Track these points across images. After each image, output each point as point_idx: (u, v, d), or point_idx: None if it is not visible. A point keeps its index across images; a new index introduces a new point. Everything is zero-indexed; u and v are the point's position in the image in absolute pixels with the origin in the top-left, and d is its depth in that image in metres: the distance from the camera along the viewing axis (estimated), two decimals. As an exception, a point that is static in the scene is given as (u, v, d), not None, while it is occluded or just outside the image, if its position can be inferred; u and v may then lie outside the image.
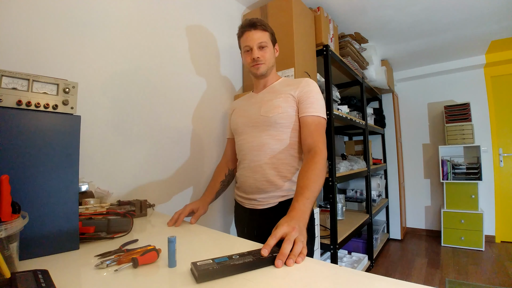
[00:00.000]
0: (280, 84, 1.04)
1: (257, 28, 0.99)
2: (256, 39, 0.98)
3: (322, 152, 0.84)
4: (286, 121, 0.94)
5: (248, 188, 0.99)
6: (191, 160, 1.42)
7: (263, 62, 1.00)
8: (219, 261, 0.48)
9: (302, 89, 0.95)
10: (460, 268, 2.36)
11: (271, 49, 1.02)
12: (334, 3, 1.90)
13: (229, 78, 1.72)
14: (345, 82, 2.57)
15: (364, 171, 2.33)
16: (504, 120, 3.01)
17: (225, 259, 0.49)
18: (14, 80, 0.55)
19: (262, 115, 0.97)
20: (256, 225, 0.99)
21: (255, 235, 0.97)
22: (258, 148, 0.97)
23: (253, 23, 0.99)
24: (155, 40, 1.28)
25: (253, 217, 0.99)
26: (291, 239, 0.57)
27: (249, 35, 0.99)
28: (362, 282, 0.44)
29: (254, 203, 0.98)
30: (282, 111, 0.94)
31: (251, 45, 0.99)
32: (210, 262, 0.48)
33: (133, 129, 1.17)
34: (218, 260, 0.49)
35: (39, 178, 0.55)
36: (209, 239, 0.73)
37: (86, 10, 1.03)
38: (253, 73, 1.04)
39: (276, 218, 0.92)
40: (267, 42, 1.00)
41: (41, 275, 0.41)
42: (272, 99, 0.98)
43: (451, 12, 2.04)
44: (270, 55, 1.02)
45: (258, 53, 0.99)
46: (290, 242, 0.56)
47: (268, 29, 1.01)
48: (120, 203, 0.96)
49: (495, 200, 3.00)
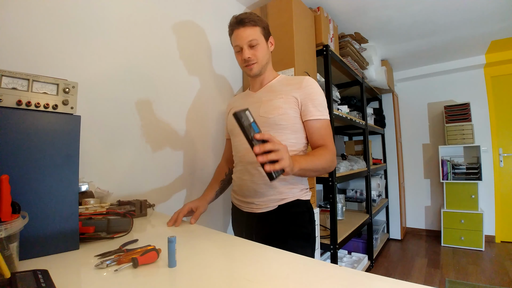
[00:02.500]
0: (280, 83, 0.99)
1: (246, 25, 0.92)
2: (245, 37, 0.92)
3: (333, 148, 0.91)
4: (287, 122, 0.91)
5: (246, 192, 0.95)
6: (192, 160, 1.42)
7: (255, 61, 0.94)
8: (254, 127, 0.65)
9: (305, 91, 0.92)
10: (460, 268, 2.37)
11: (263, 45, 0.95)
12: (334, 3, 1.90)
13: (230, 78, 1.72)
14: (345, 82, 2.57)
15: (364, 171, 2.33)
16: (504, 120, 3.02)
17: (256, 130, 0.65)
18: (14, 80, 0.55)
19: (261, 115, 0.93)
20: (255, 230, 0.95)
21: (254, 240, 0.94)
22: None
23: (241, 20, 0.92)
24: (155, 40, 1.28)
25: (251, 221, 0.96)
26: (276, 145, 0.64)
27: (238, 34, 0.93)
28: (362, 282, 0.44)
29: (252, 207, 0.94)
30: (283, 112, 0.91)
31: (241, 45, 0.93)
32: (250, 121, 0.65)
33: (133, 129, 1.17)
34: (254, 127, 0.65)
35: (39, 178, 0.55)
36: (209, 239, 0.73)
37: (86, 10, 1.03)
38: (246, 73, 1.00)
39: (276, 222, 0.91)
40: (258, 38, 0.93)
41: (41, 275, 0.41)
42: (272, 99, 0.94)
43: (451, 12, 2.04)
44: (263, 52, 0.95)
45: (248, 53, 0.93)
46: (273, 143, 0.64)
47: (258, 23, 0.94)
48: (120, 203, 0.96)
49: (495, 200, 3.00)
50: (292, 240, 0.91)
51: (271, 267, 0.51)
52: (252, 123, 0.65)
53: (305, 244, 0.94)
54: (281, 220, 0.83)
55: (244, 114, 0.64)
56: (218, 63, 1.64)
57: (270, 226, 0.92)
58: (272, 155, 0.63)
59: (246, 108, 0.67)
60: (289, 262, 0.54)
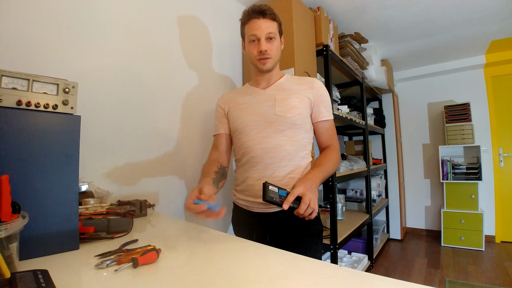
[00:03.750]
0: (290, 82, 0.98)
1: (267, 17, 0.89)
2: (265, 28, 0.88)
3: (338, 147, 0.97)
4: (302, 122, 0.92)
5: (259, 192, 0.89)
6: (192, 160, 1.42)
7: (270, 56, 0.91)
8: (281, 193, 0.74)
9: (317, 92, 0.94)
10: (460, 268, 2.36)
11: (278, 41, 0.93)
12: (334, 3, 1.90)
13: (230, 76, 1.72)
14: (345, 82, 2.57)
15: (364, 171, 2.33)
16: (504, 120, 3.01)
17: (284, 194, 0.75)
18: (14, 80, 0.55)
19: (278, 114, 0.91)
20: (268, 230, 0.93)
21: (268, 240, 0.92)
22: (274, 150, 0.90)
23: (263, 10, 0.88)
24: (155, 40, 1.28)
25: (264, 221, 0.93)
26: (307, 201, 0.73)
27: (257, 23, 0.88)
28: (362, 282, 0.44)
29: (263, 207, 0.92)
30: (300, 112, 0.91)
31: (259, 35, 0.89)
32: (276, 191, 0.74)
33: (133, 129, 1.17)
34: (282, 193, 0.74)
35: (39, 178, 0.55)
36: (209, 239, 0.72)
37: (86, 10, 1.03)
38: (258, 67, 0.94)
39: (290, 221, 0.90)
40: (276, 33, 0.91)
41: (41, 275, 0.41)
42: (286, 97, 0.93)
43: (451, 12, 2.04)
44: (277, 48, 0.94)
45: (266, 45, 0.89)
46: (305, 203, 0.73)
47: (277, 18, 0.92)
48: (120, 203, 0.96)
49: (495, 200, 3.00)
50: (307, 237, 0.92)
51: (271, 267, 0.51)
52: (279, 191, 0.75)
53: (318, 240, 0.96)
54: (296, 218, 0.83)
55: (269, 189, 0.74)
56: (218, 62, 1.63)
57: (285, 225, 0.92)
58: (309, 211, 0.75)
59: (265, 182, 0.75)
60: (289, 262, 0.54)
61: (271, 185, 0.74)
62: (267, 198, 0.72)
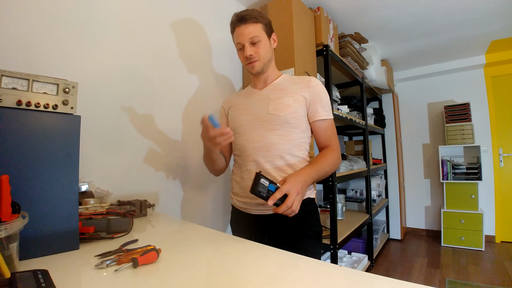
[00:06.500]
0: (286, 82, 0.99)
1: (247, 22, 0.90)
2: (247, 34, 0.90)
3: (338, 147, 0.94)
4: (296, 121, 0.91)
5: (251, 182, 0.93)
6: (192, 159, 1.42)
7: (257, 59, 0.93)
8: (270, 188, 0.72)
9: (313, 91, 0.93)
10: (460, 268, 2.37)
11: (265, 42, 0.94)
12: (334, 3, 1.90)
13: (230, 76, 1.72)
14: (345, 82, 2.57)
15: (364, 171, 2.33)
16: (504, 120, 3.01)
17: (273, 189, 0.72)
18: (14, 80, 0.55)
19: (270, 113, 0.91)
20: (266, 232, 0.92)
21: (266, 243, 0.90)
22: (266, 149, 0.91)
23: (242, 17, 0.91)
24: (155, 40, 1.28)
25: (261, 223, 0.93)
26: (289, 203, 0.71)
27: (239, 31, 0.92)
28: (362, 282, 0.44)
29: (262, 209, 0.91)
30: (293, 110, 0.90)
31: (242, 42, 0.92)
32: (266, 185, 0.71)
33: (134, 129, 1.17)
34: (271, 187, 0.72)
35: (39, 178, 0.55)
36: (209, 239, 0.72)
37: (86, 10, 1.03)
38: (249, 71, 0.99)
39: (288, 223, 0.89)
40: (260, 35, 0.92)
41: (41, 275, 0.41)
42: (280, 97, 0.93)
43: (451, 12, 2.04)
44: (265, 49, 0.94)
45: (250, 50, 0.91)
46: (287, 206, 0.71)
47: (260, 19, 0.93)
48: (120, 203, 0.96)
49: (495, 200, 3.00)
50: (305, 240, 0.91)
51: (271, 267, 0.51)
52: (269, 185, 0.73)
53: (317, 243, 0.95)
54: (294, 220, 0.82)
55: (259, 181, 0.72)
56: (218, 62, 1.63)
57: (283, 227, 0.91)
58: (288, 212, 0.73)
59: (258, 171, 0.73)
60: (289, 262, 0.54)
61: (263, 177, 0.71)
62: (255, 192, 0.70)
